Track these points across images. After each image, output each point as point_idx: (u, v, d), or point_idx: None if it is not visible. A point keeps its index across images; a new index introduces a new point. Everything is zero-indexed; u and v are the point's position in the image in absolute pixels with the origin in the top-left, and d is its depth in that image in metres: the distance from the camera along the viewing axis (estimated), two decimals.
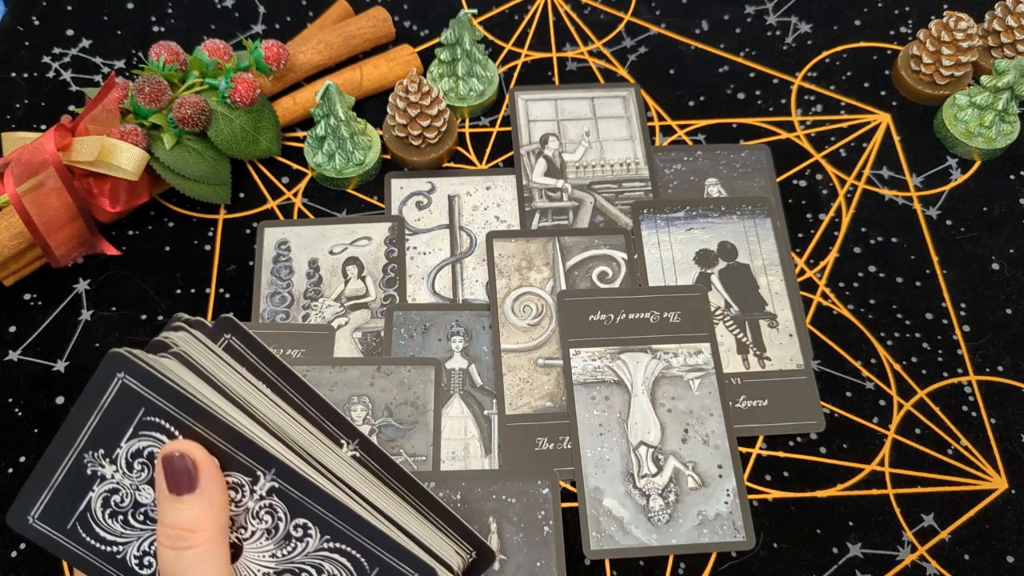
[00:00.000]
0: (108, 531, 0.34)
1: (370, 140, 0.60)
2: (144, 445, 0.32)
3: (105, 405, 0.32)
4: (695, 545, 0.48)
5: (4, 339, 0.55)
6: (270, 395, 0.36)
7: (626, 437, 0.51)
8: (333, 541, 0.33)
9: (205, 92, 0.57)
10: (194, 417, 0.32)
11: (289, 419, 0.36)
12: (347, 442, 0.37)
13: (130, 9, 0.68)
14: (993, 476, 0.51)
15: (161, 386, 0.32)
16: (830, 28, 0.68)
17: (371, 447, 0.37)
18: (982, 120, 0.60)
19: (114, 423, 0.32)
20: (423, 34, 0.67)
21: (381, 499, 0.36)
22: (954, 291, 0.57)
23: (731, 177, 0.61)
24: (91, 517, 0.33)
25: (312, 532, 0.33)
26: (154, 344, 0.34)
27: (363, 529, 0.33)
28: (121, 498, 0.33)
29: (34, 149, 0.52)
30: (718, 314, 0.55)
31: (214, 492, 0.32)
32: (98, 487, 0.33)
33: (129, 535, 0.34)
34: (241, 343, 0.36)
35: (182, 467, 0.31)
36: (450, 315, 0.55)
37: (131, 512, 0.33)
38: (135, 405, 0.32)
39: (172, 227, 0.59)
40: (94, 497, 0.33)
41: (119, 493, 0.33)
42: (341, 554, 0.33)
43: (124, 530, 0.34)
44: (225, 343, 0.36)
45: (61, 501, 0.33)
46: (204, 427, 0.32)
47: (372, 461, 0.37)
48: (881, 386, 0.54)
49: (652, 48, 0.67)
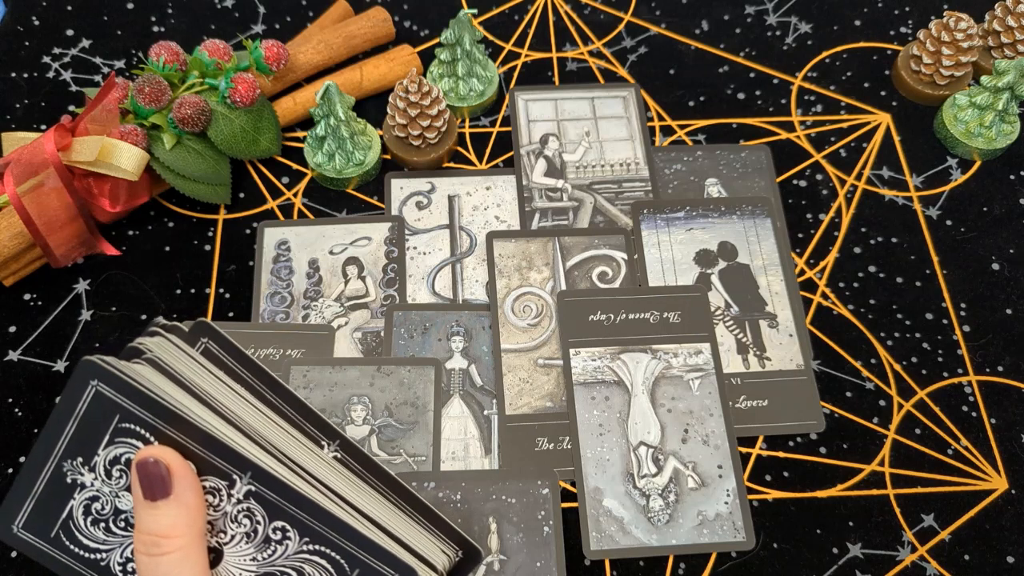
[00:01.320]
0: (91, 539, 0.34)
1: (370, 140, 0.60)
2: (121, 452, 0.32)
3: (80, 413, 0.32)
4: (695, 545, 0.48)
5: (4, 339, 0.55)
6: (248, 398, 0.36)
7: (626, 437, 0.51)
8: (312, 543, 0.33)
9: (205, 92, 0.57)
10: (168, 423, 0.32)
11: (267, 421, 0.35)
12: (328, 443, 0.37)
13: (130, 9, 0.68)
14: (993, 476, 0.51)
15: (135, 393, 0.32)
16: (830, 28, 0.68)
17: (352, 448, 0.37)
18: (982, 120, 0.60)
19: (90, 431, 0.32)
20: (423, 34, 0.67)
21: (363, 499, 0.36)
22: (954, 291, 0.57)
23: (731, 177, 0.61)
24: (74, 525, 0.33)
25: (291, 535, 0.33)
26: (128, 350, 0.34)
27: (341, 531, 0.33)
28: (102, 505, 0.33)
29: (34, 149, 0.52)
30: (718, 314, 0.55)
31: (189, 497, 0.32)
32: (79, 495, 0.33)
33: (112, 542, 0.34)
34: (217, 346, 0.36)
35: (156, 473, 0.31)
36: (450, 315, 0.55)
37: (112, 519, 0.33)
38: (110, 412, 0.32)
39: (172, 227, 0.59)
40: (75, 505, 0.33)
41: (99, 500, 0.33)
42: (321, 556, 0.33)
43: (107, 537, 0.34)
44: (202, 347, 0.36)
45: (43, 510, 0.33)
46: (179, 432, 0.32)
47: (353, 462, 0.37)
48: (881, 386, 0.54)
49: (652, 48, 0.67)
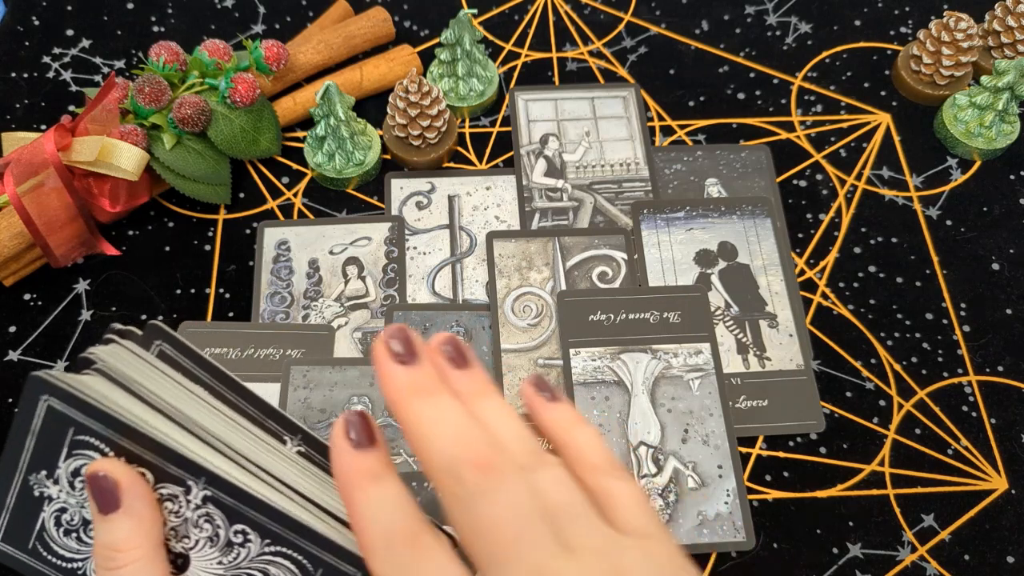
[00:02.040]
0: (65, 548, 0.34)
1: (370, 140, 0.60)
2: (80, 464, 0.33)
3: (37, 428, 0.32)
4: (695, 545, 0.48)
5: (4, 339, 0.55)
6: (207, 399, 0.36)
7: (626, 437, 0.51)
8: (273, 545, 0.33)
9: (205, 92, 0.57)
10: (120, 433, 0.32)
11: (226, 421, 0.35)
12: (290, 438, 0.37)
13: (130, 9, 0.68)
14: (993, 476, 0.51)
15: (84, 406, 0.32)
16: (830, 28, 0.68)
17: (315, 442, 0.37)
18: (982, 120, 0.60)
19: (49, 444, 0.32)
20: (423, 34, 0.67)
21: (328, 495, 0.36)
22: (954, 291, 0.57)
23: (731, 177, 0.61)
24: (47, 536, 0.34)
25: (252, 537, 0.33)
26: (80, 361, 0.34)
27: (299, 531, 0.33)
28: (71, 516, 0.34)
29: (34, 149, 0.52)
30: (718, 314, 0.55)
31: (139, 508, 0.32)
32: (48, 507, 0.33)
33: (85, 551, 0.34)
34: (173, 349, 0.35)
35: (104, 487, 0.31)
36: (450, 315, 0.55)
37: (81, 529, 0.34)
38: (64, 426, 0.32)
39: (172, 227, 0.59)
40: (46, 517, 0.34)
41: (68, 512, 0.34)
42: (283, 557, 0.33)
43: (79, 547, 0.34)
44: (157, 350, 0.35)
45: (19, 522, 0.34)
46: (131, 442, 0.32)
47: (317, 455, 0.37)
48: (881, 386, 0.54)
49: (652, 48, 0.67)
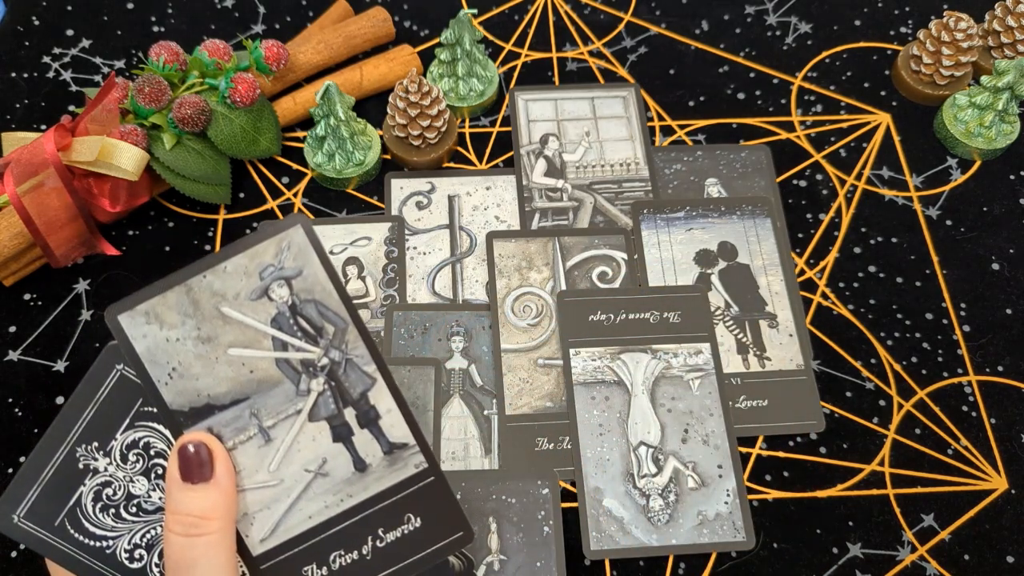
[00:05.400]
0: (99, 526, 0.34)
1: (370, 140, 0.60)
2: (140, 436, 0.33)
3: (102, 397, 0.33)
4: (695, 545, 0.48)
5: (4, 339, 0.55)
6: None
7: (626, 437, 0.51)
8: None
9: (205, 92, 0.57)
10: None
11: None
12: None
13: (130, 9, 0.68)
14: (993, 476, 0.51)
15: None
16: (830, 28, 0.68)
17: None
18: (982, 120, 0.60)
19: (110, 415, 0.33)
20: (423, 34, 0.67)
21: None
22: (954, 291, 0.57)
23: (731, 177, 0.61)
24: (81, 512, 0.34)
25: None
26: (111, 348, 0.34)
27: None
28: (114, 491, 0.34)
29: (34, 149, 0.52)
30: (718, 314, 0.55)
31: (227, 483, 0.33)
32: (89, 481, 0.34)
33: (120, 528, 0.34)
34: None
35: (200, 458, 0.32)
36: (450, 315, 0.55)
37: (123, 504, 0.34)
38: (133, 396, 0.33)
39: (172, 227, 0.59)
40: (85, 491, 0.34)
41: (112, 486, 0.34)
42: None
43: (115, 523, 0.34)
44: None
45: (50, 498, 0.34)
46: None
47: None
48: (881, 386, 0.54)
49: (652, 48, 0.67)
